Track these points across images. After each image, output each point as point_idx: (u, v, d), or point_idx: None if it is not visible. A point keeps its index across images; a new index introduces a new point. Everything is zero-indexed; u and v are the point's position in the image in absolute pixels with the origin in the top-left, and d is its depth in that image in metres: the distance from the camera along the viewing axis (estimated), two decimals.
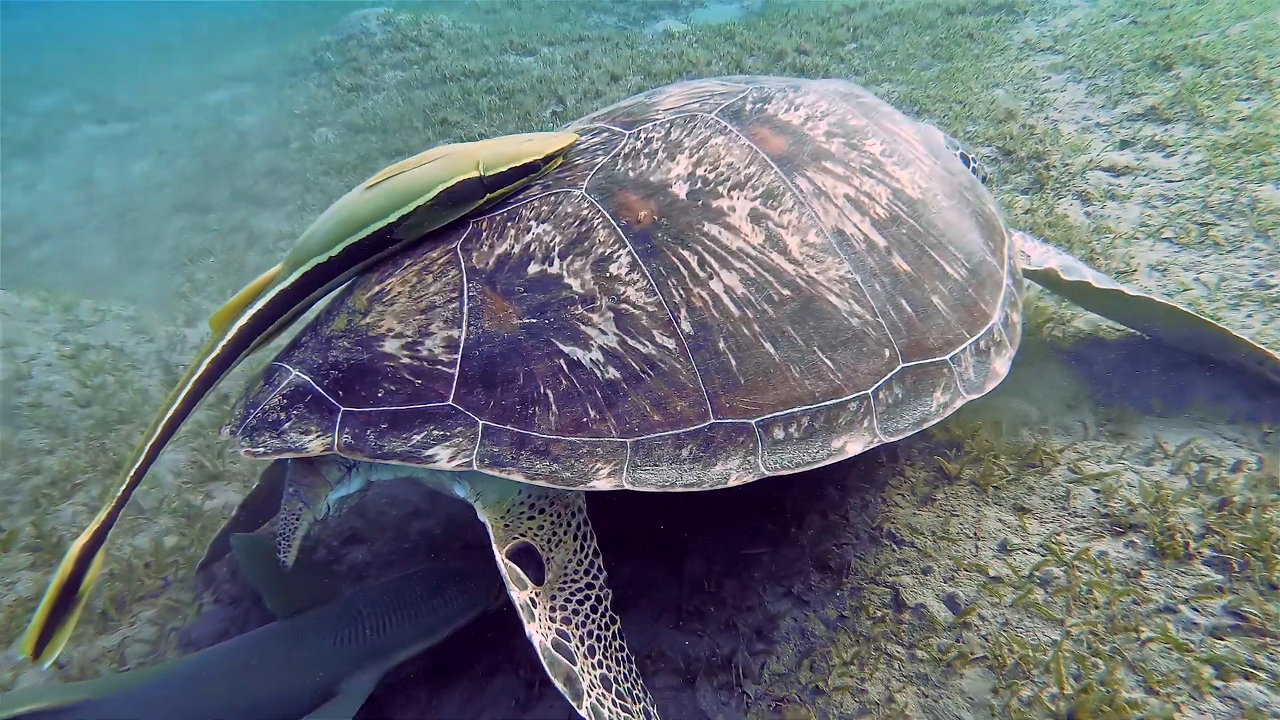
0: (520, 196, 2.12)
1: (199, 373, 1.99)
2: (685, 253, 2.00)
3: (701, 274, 1.99)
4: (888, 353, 2.06)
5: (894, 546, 2.38)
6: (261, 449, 1.82)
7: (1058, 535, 2.32)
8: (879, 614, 2.18)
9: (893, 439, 2.02)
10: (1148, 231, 3.83)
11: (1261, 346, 2.63)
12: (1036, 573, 2.21)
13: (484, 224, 2.07)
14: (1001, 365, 2.25)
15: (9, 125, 10.89)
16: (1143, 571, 2.16)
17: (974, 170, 3.31)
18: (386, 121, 7.62)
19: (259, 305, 2.02)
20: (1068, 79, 6.04)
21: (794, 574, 2.35)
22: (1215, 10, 6.51)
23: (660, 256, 1.99)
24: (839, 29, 8.33)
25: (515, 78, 8.42)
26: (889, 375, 2.05)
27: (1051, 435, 2.71)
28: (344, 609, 2.15)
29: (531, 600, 1.78)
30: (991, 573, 2.24)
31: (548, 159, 2.12)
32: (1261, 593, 2.03)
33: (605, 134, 2.27)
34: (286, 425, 1.84)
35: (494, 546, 1.84)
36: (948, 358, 2.14)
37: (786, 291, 2.01)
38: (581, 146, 2.24)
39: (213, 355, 2.00)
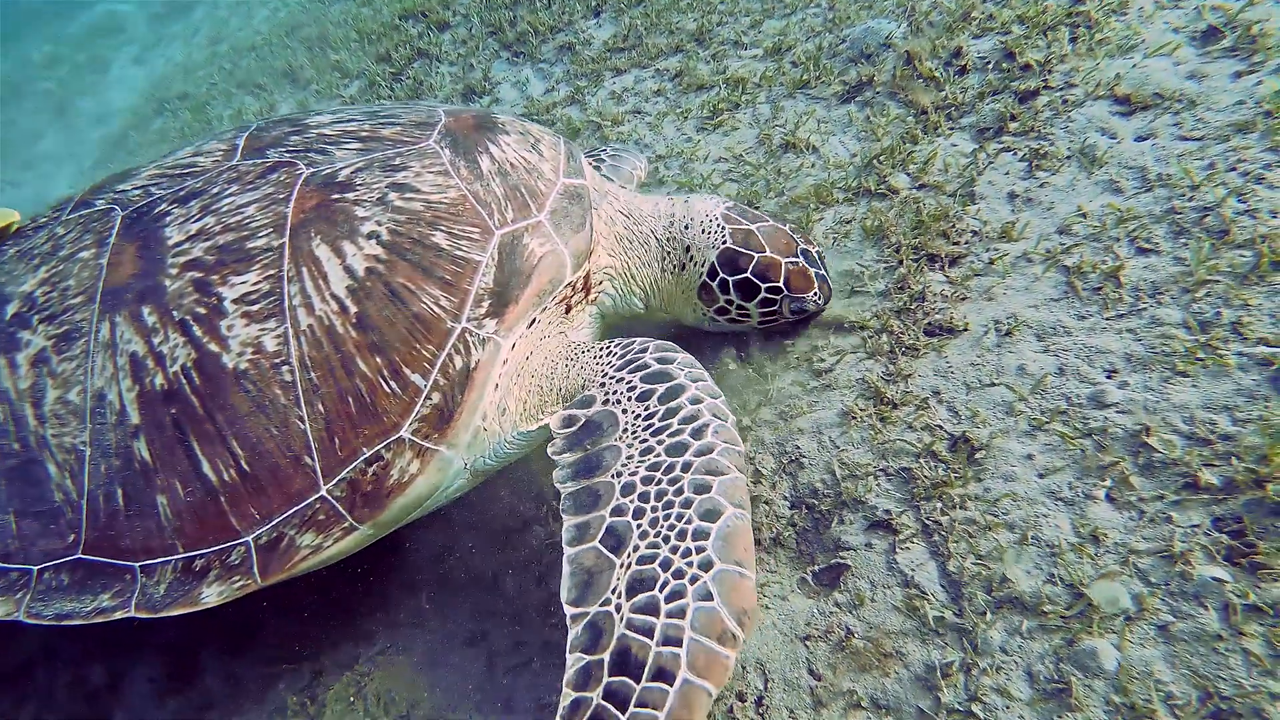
0: None
1: None
2: None
3: None
4: (71, 537, 2.05)
5: None
6: None
7: None
8: None
9: (37, 622, 2.04)
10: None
11: None
12: None
13: None
14: (214, 593, 2.00)
15: None
16: None
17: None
18: None
19: None
20: None
21: None
22: None
23: None
24: None
25: None
26: (61, 560, 2.06)
27: None
28: None
29: None
30: None
31: None
32: None
33: (48, 220, 2.39)
34: None
35: None
36: (136, 565, 2.03)
37: (16, 445, 2.08)
38: (26, 228, 2.40)
39: None
